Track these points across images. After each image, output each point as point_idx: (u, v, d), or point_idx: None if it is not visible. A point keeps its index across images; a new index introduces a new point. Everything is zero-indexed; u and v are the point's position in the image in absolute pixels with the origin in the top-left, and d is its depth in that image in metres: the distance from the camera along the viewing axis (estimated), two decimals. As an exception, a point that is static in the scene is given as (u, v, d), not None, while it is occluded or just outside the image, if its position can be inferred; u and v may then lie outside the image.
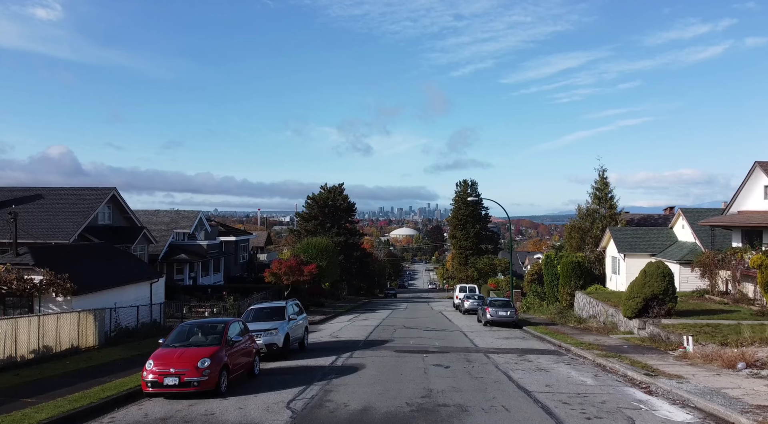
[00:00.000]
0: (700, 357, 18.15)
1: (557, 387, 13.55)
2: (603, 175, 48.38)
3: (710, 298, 32.06)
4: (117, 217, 40.54)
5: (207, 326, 14.33)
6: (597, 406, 11.51)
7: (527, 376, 15.14)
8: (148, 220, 48.30)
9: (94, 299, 21.22)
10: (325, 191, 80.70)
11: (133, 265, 27.71)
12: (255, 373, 15.26)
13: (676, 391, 12.93)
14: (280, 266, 45.22)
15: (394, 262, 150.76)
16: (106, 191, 39.22)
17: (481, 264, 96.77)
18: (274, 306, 20.38)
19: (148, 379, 12.42)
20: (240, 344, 14.37)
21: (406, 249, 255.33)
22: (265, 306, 20.66)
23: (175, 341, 13.71)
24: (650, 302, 26.29)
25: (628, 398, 12.44)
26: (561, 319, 33.88)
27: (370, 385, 13.69)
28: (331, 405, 11.60)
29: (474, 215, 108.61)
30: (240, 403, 11.96)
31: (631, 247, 40.84)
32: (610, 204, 47.67)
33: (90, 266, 23.46)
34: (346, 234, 78.65)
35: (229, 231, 57.46)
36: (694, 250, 37.79)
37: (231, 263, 55.31)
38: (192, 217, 48.41)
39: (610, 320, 29.76)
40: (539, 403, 11.75)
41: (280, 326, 18.55)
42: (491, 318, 30.33)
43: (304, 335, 21.01)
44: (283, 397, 12.39)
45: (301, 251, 56.88)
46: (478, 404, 11.66)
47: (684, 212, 40.85)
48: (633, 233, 42.83)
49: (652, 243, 41.52)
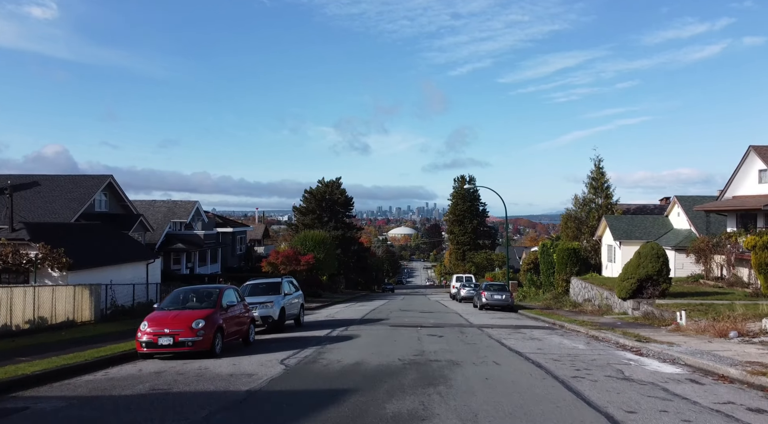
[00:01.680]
0: (692, 330, 18.29)
1: (549, 351, 13.67)
2: (599, 165, 48.56)
3: (705, 282, 32.23)
4: (114, 204, 40.58)
5: (202, 292, 14.40)
6: (587, 362, 11.64)
7: (520, 343, 15.26)
8: (145, 209, 48.32)
9: (90, 275, 21.29)
10: (323, 185, 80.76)
11: (129, 245, 27.80)
12: (250, 341, 15.34)
13: (667, 352, 13.04)
14: (278, 256, 45.42)
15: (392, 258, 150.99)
16: (102, 179, 39.27)
17: (478, 259, 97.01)
18: (270, 282, 20.49)
19: (143, 339, 12.50)
20: (235, 310, 14.46)
21: (404, 248, 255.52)
22: (260, 282, 20.76)
23: (170, 305, 13.79)
24: (644, 283, 26.43)
25: (618, 357, 12.56)
26: (556, 304, 34.04)
27: (363, 348, 13.81)
28: (325, 361, 11.71)
29: (472, 210, 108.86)
30: (234, 361, 12.05)
31: (627, 234, 41.00)
32: (606, 194, 47.82)
33: (86, 243, 23.53)
34: (344, 228, 78.72)
35: (227, 223, 57.53)
36: (689, 236, 37.98)
37: (228, 254, 55.38)
38: (189, 207, 48.47)
39: (605, 302, 29.91)
40: (530, 360, 11.87)
41: (276, 299, 18.65)
42: (486, 302, 30.47)
43: (300, 312, 21.11)
44: (278, 356, 12.49)
45: (298, 243, 57.01)
46: (470, 359, 11.78)
47: (679, 199, 41.03)
48: (629, 221, 43.00)
49: (648, 231, 41.69)
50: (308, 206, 79.54)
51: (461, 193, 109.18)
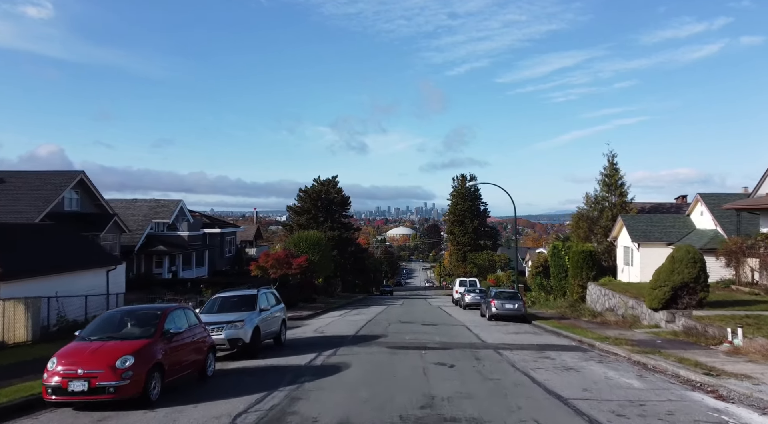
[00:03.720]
0: (757, 353, 14.96)
1: (599, 392, 10.31)
2: (612, 161, 45.15)
3: (738, 288, 28.93)
4: (87, 203, 37.16)
5: (140, 314, 10.98)
6: (665, 419, 8.27)
7: (555, 377, 11.89)
8: (125, 209, 44.93)
9: (31, 286, 17.92)
10: (318, 184, 77.32)
11: (88, 249, 24.36)
12: (208, 374, 11.94)
13: (758, 395, 9.75)
14: (267, 259, 41.98)
15: (391, 259, 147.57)
16: (72, 175, 35.84)
17: (480, 260, 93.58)
18: (244, 294, 17.04)
19: (50, 383, 9.14)
20: (185, 337, 11.07)
21: (403, 248, 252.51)
22: (232, 294, 17.32)
23: (94, 333, 10.38)
24: (679, 292, 23.11)
25: (698, 406, 9.21)
26: (573, 312, 30.67)
27: (352, 390, 10.44)
28: (295, 419, 8.33)
29: (472, 209, 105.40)
30: (171, 416, 8.67)
31: (646, 235, 37.66)
32: (620, 191, 44.42)
33: (30, 248, 20.13)
34: (341, 228, 75.29)
35: (215, 223, 54.10)
36: (715, 238, 34.68)
37: (216, 256, 51.96)
38: (172, 206, 45.04)
39: (630, 312, 26.56)
40: (584, 416, 8.49)
41: (248, 317, 15.26)
42: (497, 312, 27.09)
43: (280, 329, 17.72)
44: (232, 407, 9.10)
45: (292, 244, 53.64)
46: (500, 417, 8.38)
47: (703, 197, 37.70)
48: (647, 220, 39.68)
49: (668, 231, 38.39)
50: (303, 206, 76.07)
51: (461, 192, 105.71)
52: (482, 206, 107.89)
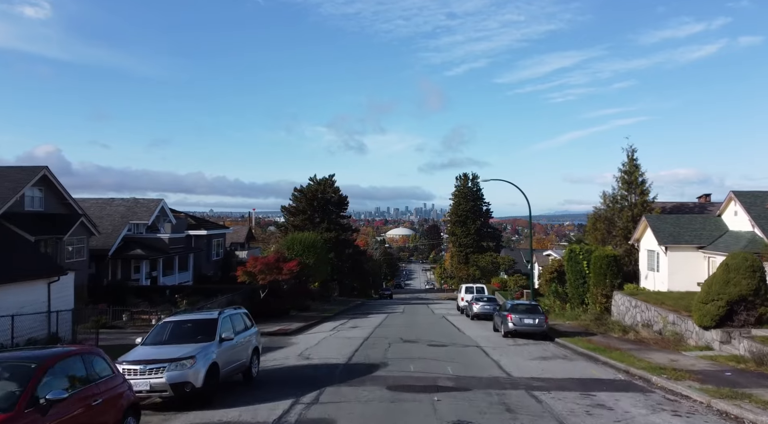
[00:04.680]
0: None
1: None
2: (632, 156, 41.28)
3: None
4: (52, 203, 33.32)
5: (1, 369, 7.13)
6: None
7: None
8: (99, 209, 41.15)
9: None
10: (315, 183, 73.56)
11: (24, 257, 20.47)
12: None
13: None
14: (256, 263, 38.19)
15: (390, 260, 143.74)
16: (34, 171, 32.00)
17: (483, 262, 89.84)
18: (201, 319, 13.09)
19: None
20: (75, 405, 7.20)
21: (402, 249, 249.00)
22: (186, 319, 13.36)
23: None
24: (735, 306, 19.42)
25: None
26: (600, 327, 26.86)
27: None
28: None
29: (475, 210, 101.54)
30: None
31: (675, 238, 33.84)
32: (641, 190, 40.57)
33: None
34: (338, 229, 71.52)
35: (201, 224, 50.24)
36: (753, 240, 30.85)
37: (202, 260, 48.13)
38: (152, 206, 41.19)
39: (671, 329, 22.76)
40: None
41: (203, 351, 11.45)
42: (515, 328, 23.29)
43: (251, 360, 13.88)
44: None
45: (285, 247, 49.87)
46: None
47: (737, 195, 33.88)
48: (674, 221, 35.87)
49: (699, 233, 34.56)
50: (298, 206, 72.26)
51: (464, 192, 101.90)
52: (485, 206, 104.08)
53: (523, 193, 32.57)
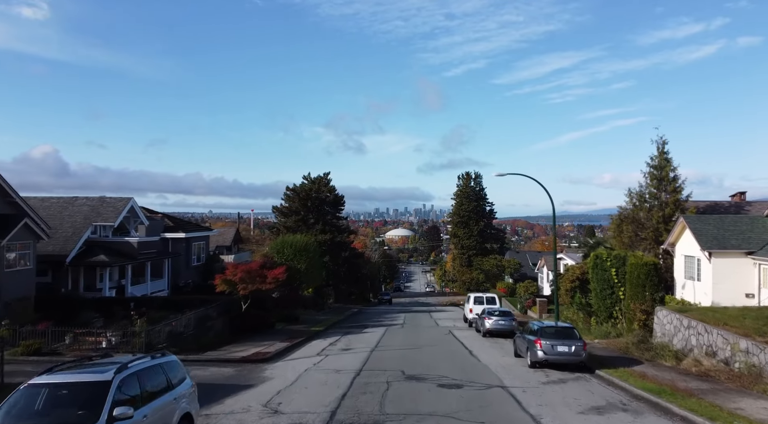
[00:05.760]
0: None
1: None
2: (662, 149, 36.47)
3: None
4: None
5: None
6: None
7: None
8: (60, 209, 36.34)
9: None
10: (309, 182, 68.80)
11: None
12: None
13: None
14: (236, 271, 33.42)
15: (390, 263, 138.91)
16: (-31, 164, 27.23)
17: (487, 265, 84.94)
18: (84, 383, 8.04)
19: None
20: None
21: (401, 250, 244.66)
22: (63, 382, 8.31)
23: None
24: None
25: None
26: (644, 353, 21.99)
27: None
28: None
29: (477, 210, 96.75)
30: None
31: (720, 242, 29.08)
32: (673, 187, 35.78)
33: None
34: (333, 231, 66.69)
35: (180, 226, 45.37)
36: (816, 245, 26.20)
37: (181, 266, 43.29)
38: (119, 205, 36.34)
39: (744, 359, 17.98)
40: None
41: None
42: (546, 357, 18.51)
43: (177, 434, 9.10)
44: None
45: (274, 250, 45.17)
46: None
47: (793, 192, 29.12)
48: (717, 222, 31.11)
49: (746, 236, 29.77)
50: (291, 206, 67.48)
51: (466, 191, 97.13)
52: (488, 207, 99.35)
53: (545, 189, 27.82)
